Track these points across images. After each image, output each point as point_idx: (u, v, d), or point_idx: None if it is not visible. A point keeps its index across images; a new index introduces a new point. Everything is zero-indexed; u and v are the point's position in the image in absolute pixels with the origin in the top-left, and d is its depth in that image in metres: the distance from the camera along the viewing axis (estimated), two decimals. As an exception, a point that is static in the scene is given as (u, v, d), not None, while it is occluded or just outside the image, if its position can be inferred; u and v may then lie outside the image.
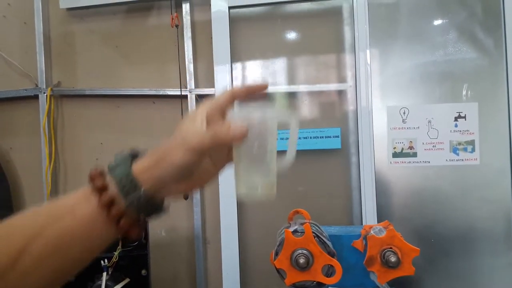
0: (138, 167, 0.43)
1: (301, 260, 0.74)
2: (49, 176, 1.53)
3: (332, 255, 0.79)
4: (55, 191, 1.58)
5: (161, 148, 0.44)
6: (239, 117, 0.45)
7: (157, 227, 1.50)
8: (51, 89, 1.57)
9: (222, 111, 0.47)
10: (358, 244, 0.89)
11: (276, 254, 0.80)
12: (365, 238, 0.86)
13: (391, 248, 0.78)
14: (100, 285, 1.12)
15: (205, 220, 1.59)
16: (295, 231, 0.81)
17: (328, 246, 0.81)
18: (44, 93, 1.57)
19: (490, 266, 1.40)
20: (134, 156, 0.45)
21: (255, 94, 0.50)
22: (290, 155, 0.46)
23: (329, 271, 0.78)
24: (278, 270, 0.81)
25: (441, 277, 1.42)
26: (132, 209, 0.42)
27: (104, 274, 1.16)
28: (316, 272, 0.75)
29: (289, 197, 1.52)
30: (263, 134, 0.45)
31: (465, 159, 1.41)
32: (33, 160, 1.59)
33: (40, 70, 1.58)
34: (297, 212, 1.00)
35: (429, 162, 1.43)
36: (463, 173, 1.42)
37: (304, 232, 0.79)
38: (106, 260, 1.19)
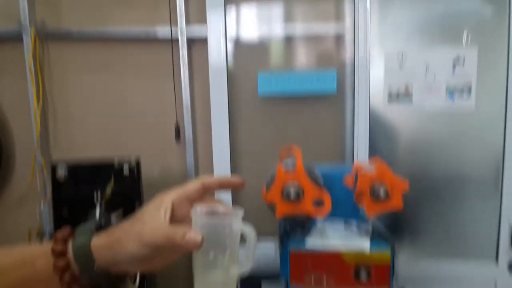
0: (96, 242, 0.44)
1: (292, 192, 0.75)
2: (37, 117, 1.50)
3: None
4: (44, 132, 1.56)
5: (121, 229, 0.44)
6: (200, 221, 0.43)
7: (149, 167, 1.51)
8: (35, 28, 1.49)
9: (189, 201, 0.46)
10: (349, 180, 0.90)
11: (268, 188, 0.81)
12: (356, 175, 0.87)
13: (381, 182, 0.79)
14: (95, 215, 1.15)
15: (198, 162, 1.60)
16: (286, 166, 0.81)
17: (319, 181, 0.82)
18: (28, 33, 1.49)
19: (479, 209, 1.45)
20: (99, 227, 0.46)
21: (228, 187, 0.49)
22: (247, 264, 0.45)
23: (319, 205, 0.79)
24: (269, 206, 0.82)
25: (431, 219, 1.47)
26: (85, 278, 0.44)
27: (98, 205, 1.18)
28: (306, 205, 0.76)
29: (283, 141, 1.51)
30: (223, 240, 0.43)
31: (460, 104, 1.40)
32: (21, 102, 1.55)
33: (23, 8, 1.49)
34: (289, 150, 1.00)
35: (424, 107, 1.42)
36: (458, 118, 1.42)
37: (295, 167, 0.79)
38: (99, 194, 1.20)
